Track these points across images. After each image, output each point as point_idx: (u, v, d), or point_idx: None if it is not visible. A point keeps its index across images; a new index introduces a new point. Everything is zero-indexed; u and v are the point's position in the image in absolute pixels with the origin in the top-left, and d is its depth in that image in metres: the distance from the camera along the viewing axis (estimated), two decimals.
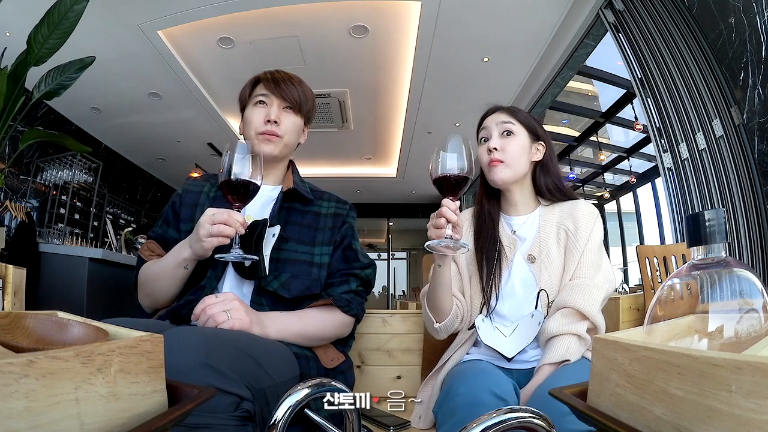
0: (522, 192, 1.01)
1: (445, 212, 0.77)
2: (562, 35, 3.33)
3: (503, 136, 0.98)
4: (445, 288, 0.91)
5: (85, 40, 2.68)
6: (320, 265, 0.94)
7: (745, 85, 1.82)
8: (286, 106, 0.98)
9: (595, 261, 0.91)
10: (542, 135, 1.01)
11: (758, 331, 0.35)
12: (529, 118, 1.01)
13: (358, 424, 0.52)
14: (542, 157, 1.01)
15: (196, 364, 0.58)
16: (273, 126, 0.95)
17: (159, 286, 0.89)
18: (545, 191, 1.00)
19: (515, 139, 0.98)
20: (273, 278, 0.88)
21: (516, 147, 0.97)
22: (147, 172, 6.51)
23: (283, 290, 0.88)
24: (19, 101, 1.90)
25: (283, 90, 0.97)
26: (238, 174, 0.77)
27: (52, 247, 2.74)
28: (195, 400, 0.37)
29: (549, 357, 0.82)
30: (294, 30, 3.39)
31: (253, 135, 0.96)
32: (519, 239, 0.98)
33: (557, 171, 1.03)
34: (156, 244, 0.96)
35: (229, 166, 0.77)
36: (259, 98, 0.97)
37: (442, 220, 0.77)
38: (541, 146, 1.01)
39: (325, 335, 0.91)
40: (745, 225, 1.92)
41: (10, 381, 0.25)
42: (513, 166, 0.97)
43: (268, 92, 0.97)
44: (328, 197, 1.04)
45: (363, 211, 4.23)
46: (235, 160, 0.77)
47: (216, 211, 0.78)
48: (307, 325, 0.87)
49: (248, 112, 0.99)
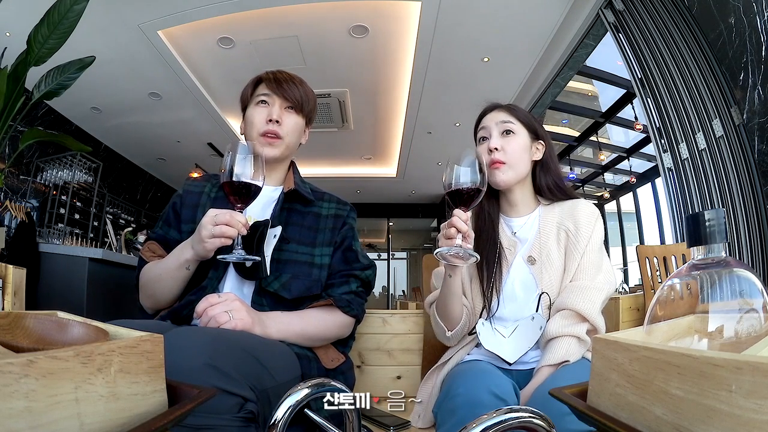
0: (523, 192, 1.00)
1: (455, 222, 0.76)
2: (562, 35, 3.33)
3: (503, 135, 0.97)
4: (456, 297, 0.90)
5: (85, 40, 2.68)
6: (320, 265, 0.94)
7: (745, 85, 1.82)
8: (288, 106, 0.98)
9: (595, 262, 0.90)
10: (542, 133, 1.00)
11: (758, 331, 0.35)
12: (529, 116, 1.00)
13: (358, 424, 0.52)
14: (542, 156, 1.00)
15: (200, 365, 0.58)
16: (275, 126, 0.95)
17: (161, 288, 0.89)
18: (546, 191, 1.00)
19: (516, 139, 0.96)
20: (273, 279, 0.88)
21: (517, 147, 0.96)
22: (147, 172, 6.51)
23: (283, 291, 0.88)
24: (19, 101, 1.90)
25: (285, 90, 0.97)
26: (240, 175, 0.76)
27: (52, 247, 2.74)
28: (195, 400, 0.37)
29: (548, 358, 0.82)
30: (294, 30, 3.39)
31: (255, 135, 0.96)
32: (519, 241, 0.97)
33: (557, 170, 1.02)
34: (157, 245, 0.96)
35: (231, 167, 0.76)
36: (261, 98, 0.97)
37: (453, 230, 0.76)
38: (540, 145, 1.00)
39: (325, 335, 0.91)
40: (745, 225, 1.92)
41: (10, 381, 0.25)
42: (515, 166, 0.95)
43: (270, 92, 0.97)
44: (328, 198, 1.04)
45: (363, 211, 4.23)
46: (236, 160, 0.77)
47: (218, 211, 0.78)
48: (308, 325, 0.87)
49: (250, 111, 0.98)
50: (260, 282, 0.88)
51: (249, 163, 0.77)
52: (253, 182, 0.78)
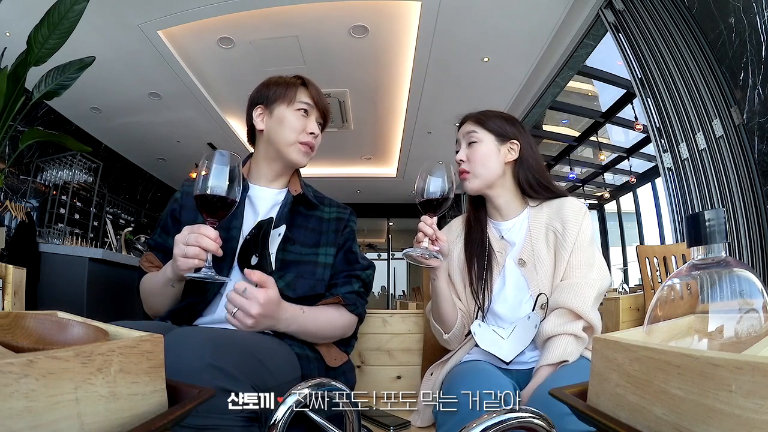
0: (504, 195, 1.01)
1: (421, 226, 0.84)
2: (562, 35, 3.33)
3: (469, 146, 1.00)
4: (445, 301, 0.94)
5: (85, 40, 2.69)
6: (324, 265, 0.95)
7: (745, 85, 1.82)
8: (320, 122, 1.00)
9: (586, 259, 0.90)
10: (513, 133, 1.00)
11: (758, 331, 0.35)
12: (497, 120, 1.00)
13: (358, 424, 0.52)
14: (518, 154, 1.00)
15: (202, 365, 0.58)
16: (314, 139, 0.98)
17: (156, 302, 0.90)
18: (527, 188, 1.00)
19: (479, 147, 0.99)
20: (279, 278, 0.89)
21: (480, 155, 0.98)
22: (147, 172, 6.51)
23: (288, 290, 0.89)
24: (19, 101, 1.89)
25: (324, 105, 0.99)
26: (215, 188, 0.71)
27: (52, 247, 2.74)
28: (195, 400, 0.37)
29: (547, 358, 0.82)
30: (294, 30, 3.39)
31: (293, 140, 0.95)
32: (509, 244, 0.98)
33: (539, 165, 1.01)
34: (154, 256, 0.94)
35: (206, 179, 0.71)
36: (305, 106, 0.96)
37: (420, 234, 0.84)
38: (514, 145, 1.00)
39: (332, 333, 0.92)
40: (745, 225, 1.92)
41: (10, 381, 0.25)
42: (479, 173, 0.98)
43: (313, 103, 0.97)
44: (329, 203, 1.05)
45: (363, 211, 4.22)
46: (212, 173, 0.71)
47: (192, 228, 0.75)
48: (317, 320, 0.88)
49: (289, 113, 0.95)
50: None
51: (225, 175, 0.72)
52: (228, 196, 0.72)
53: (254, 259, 0.85)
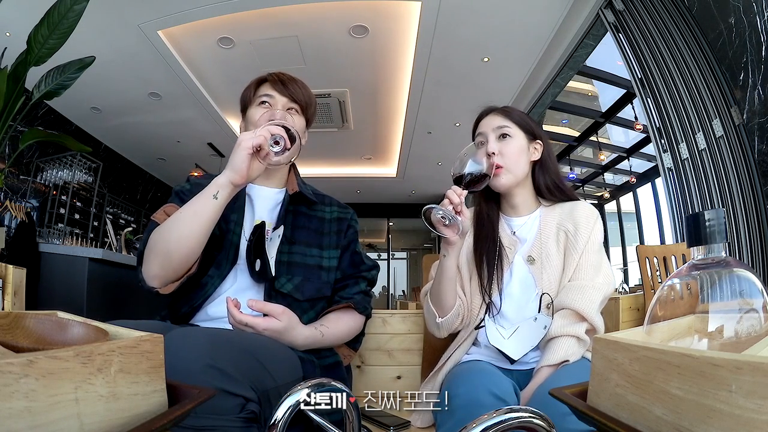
0: (523, 194, 1.00)
1: (449, 194, 0.82)
2: (562, 35, 3.33)
3: (500, 139, 0.97)
4: (449, 282, 0.91)
5: (85, 40, 2.68)
6: (329, 268, 0.96)
7: (745, 85, 1.82)
8: (291, 107, 0.98)
9: (594, 262, 0.90)
10: (538, 133, 1.00)
11: (758, 331, 0.35)
12: (524, 117, 1.00)
13: (358, 424, 0.52)
14: (540, 156, 1.00)
15: (202, 365, 0.58)
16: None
17: (177, 235, 0.79)
18: (545, 190, 0.99)
19: (513, 142, 0.96)
20: (286, 281, 0.90)
21: (514, 150, 0.96)
22: (147, 172, 6.51)
23: (296, 293, 0.90)
24: (19, 101, 1.89)
25: (290, 90, 0.97)
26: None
27: (52, 247, 2.73)
28: (195, 400, 0.37)
29: (548, 359, 0.82)
30: (294, 30, 3.39)
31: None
32: (519, 240, 0.98)
33: (556, 169, 1.02)
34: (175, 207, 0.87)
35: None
36: (263, 98, 0.96)
37: (446, 200, 0.83)
38: (538, 145, 1.00)
39: (345, 338, 0.95)
40: (745, 225, 1.92)
41: (10, 381, 0.25)
42: (513, 169, 0.96)
43: (274, 92, 0.96)
44: (329, 201, 1.05)
45: (363, 211, 4.22)
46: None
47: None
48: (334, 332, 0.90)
49: (251, 111, 0.97)
50: (272, 284, 0.88)
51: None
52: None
53: (258, 264, 0.86)
